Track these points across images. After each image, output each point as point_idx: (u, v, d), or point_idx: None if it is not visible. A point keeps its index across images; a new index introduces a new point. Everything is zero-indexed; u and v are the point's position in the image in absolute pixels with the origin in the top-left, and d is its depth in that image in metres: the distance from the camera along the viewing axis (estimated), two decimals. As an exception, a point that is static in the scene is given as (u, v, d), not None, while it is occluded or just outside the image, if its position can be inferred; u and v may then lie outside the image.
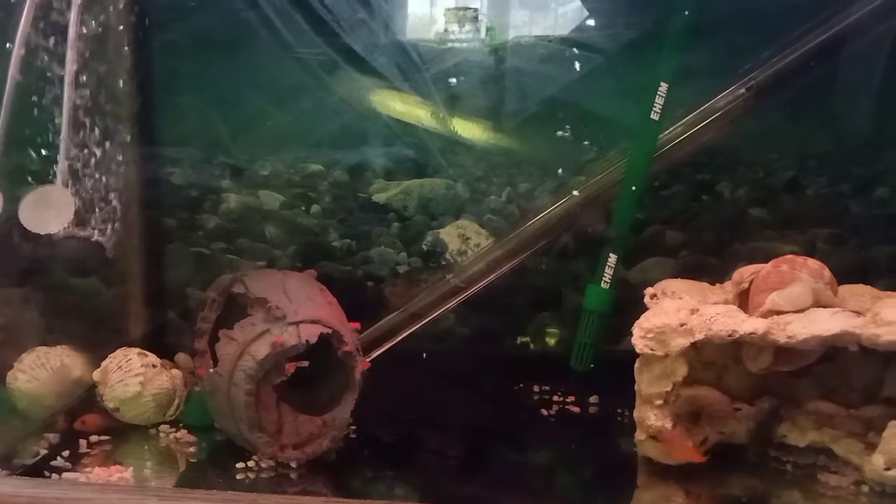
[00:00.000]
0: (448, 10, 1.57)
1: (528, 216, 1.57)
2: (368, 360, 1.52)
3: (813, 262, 1.25)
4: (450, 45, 1.57)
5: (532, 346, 1.66)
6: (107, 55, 1.43)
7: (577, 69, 1.52)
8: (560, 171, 1.57)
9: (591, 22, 1.54)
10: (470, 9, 1.57)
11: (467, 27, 1.56)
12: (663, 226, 1.56)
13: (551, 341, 1.64)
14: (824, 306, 1.21)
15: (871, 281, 1.38)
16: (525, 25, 1.59)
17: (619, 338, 1.46)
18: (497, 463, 1.38)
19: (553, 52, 1.54)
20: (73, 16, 1.27)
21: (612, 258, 1.44)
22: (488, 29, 1.57)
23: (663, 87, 1.37)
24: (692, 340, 1.19)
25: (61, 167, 1.26)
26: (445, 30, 1.57)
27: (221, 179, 1.66)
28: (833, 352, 1.23)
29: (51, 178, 1.27)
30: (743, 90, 1.43)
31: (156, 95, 1.59)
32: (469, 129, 1.60)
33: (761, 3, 1.45)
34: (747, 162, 1.53)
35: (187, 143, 1.64)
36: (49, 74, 1.28)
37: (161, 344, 1.61)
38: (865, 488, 1.19)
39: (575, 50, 1.52)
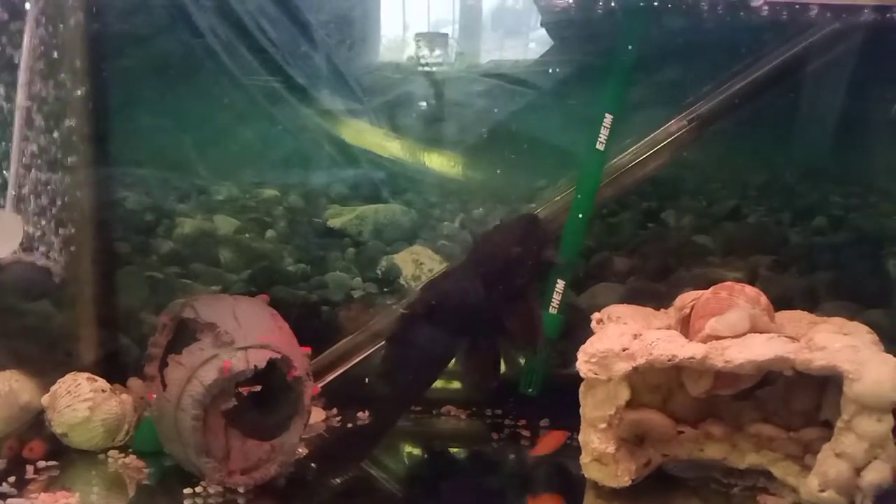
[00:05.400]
0: (419, 34, 1.60)
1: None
2: (321, 384, 1.54)
3: (750, 289, 1.29)
4: (416, 70, 1.60)
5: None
6: (60, 79, 1.44)
7: (531, 100, 1.57)
8: (511, 197, 1.61)
9: (548, 55, 1.58)
10: (441, 34, 1.60)
11: (437, 52, 1.59)
12: (612, 252, 1.60)
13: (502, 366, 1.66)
14: (761, 332, 1.25)
15: (810, 307, 1.43)
16: (488, 52, 1.63)
17: (571, 362, 1.48)
18: (448, 485, 1.40)
19: (511, 82, 1.58)
20: (26, 39, 1.28)
21: (560, 284, 1.47)
22: (458, 54, 1.60)
23: (608, 118, 1.42)
24: (634, 365, 1.22)
25: (10, 192, 1.26)
26: (416, 55, 1.60)
27: (176, 203, 1.67)
28: (775, 376, 1.27)
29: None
30: (685, 122, 1.48)
31: (110, 120, 1.60)
32: (423, 156, 1.63)
33: (703, 38, 1.50)
34: (691, 191, 1.58)
35: (142, 167, 1.64)
36: (-1, 98, 1.28)
37: (115, 369, 1.60)
38: (802, 509, 1.22)
39: (530, 81, 1.56)
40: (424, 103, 1.61)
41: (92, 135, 1.57)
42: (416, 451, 1.53)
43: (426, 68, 1.60)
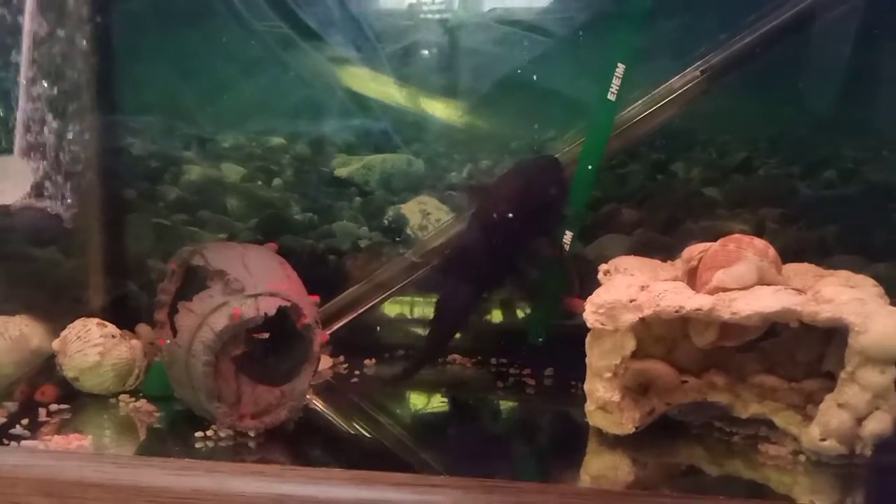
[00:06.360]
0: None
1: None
2: (328, 332, 1.56)
3: (758, 242, 1.29)
4: (417, 19, 1.58)
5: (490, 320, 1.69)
6: (66, 24, 1.42)
7: (538, 49, 1.55)
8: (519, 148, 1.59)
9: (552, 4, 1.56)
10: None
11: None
12: (620, 204, 1.59)
13: (509, 316, 1.67)
14: (768, 284, 1.25)
15: (817, 259, 1.43)
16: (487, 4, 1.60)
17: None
18: (455, 431, 1.43)
19: (519, 32, 1.55)
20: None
21: (568, 235, 1.47)
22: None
23: (620, 68, 1.40)
24: (641, 316, 1.23)
25: (19, 137, 1.26)
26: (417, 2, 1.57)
27: (183, 151, 1.66)
28: (779, 328, 1.28)
29: (8, 148, 1.26)
30: (697, 72, 1.46)
31: (117, 65, 1.59)
32: (432, 106, 1.62)
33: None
34: (701, 143, 1.57)
35: (148, 114, 1.63)
36: (6, 44, 1.26)
37: (123, 314, 1.62)
38: (802, 458, 1.24)
39: (538, 31, 1.54)
40: (427, 52, 1.59)
41: (98, 82, 1.56)
42: (423, 398, 1.55)
43: (430, 15, 1.57)
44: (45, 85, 1.36)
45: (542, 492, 1.04)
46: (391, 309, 1.69)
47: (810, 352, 1.30)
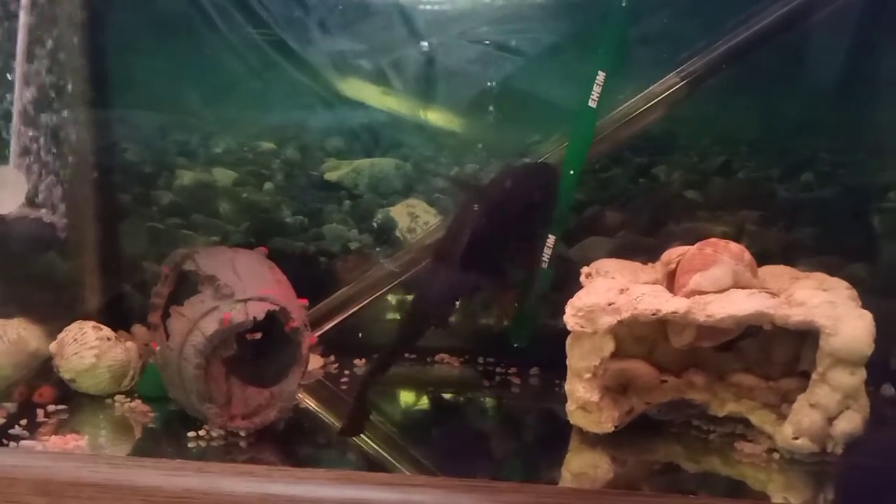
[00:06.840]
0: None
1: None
2: (319, 333, 1.59)
3: (734, 246, 1.32)
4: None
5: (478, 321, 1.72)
6: (58, 35, 1.44)
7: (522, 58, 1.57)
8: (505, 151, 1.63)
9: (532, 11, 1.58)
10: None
11: None
12: (603, 206, 1.62)
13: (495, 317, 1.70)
14: (743, 287, 1.29)
15: (795, 261, 1.47)
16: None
17: (561, 313, 1.53)
18: (441, 429, 1.47)
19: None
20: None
21: (551, 239, 1.51)
22: None
23: (601, 75, 1.43)
24: (619, 319, 1.26)
25: (13, 148, 1.28)
26: None
27: (175, 156, 1.69)
28: (756, 328, 1.31)
29: (3, 159, 1.29)
30: (677, 78, 1.49)
31: (110, 72, 1.62)
32: (419, 111, 1.65)
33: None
34: (682, 146, 1.59)
35: (142, 121, 1.66)
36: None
37: (119, 316, 1.65)
38: (776, 455, 1.28)
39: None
40: (416, 60, 1.61)
41: (92, 89, 1.59)
42: (412, 397, 1.58)
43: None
44: (39, 96, 1.38)
45: (523, 491, 1.07)
46: (382, 309, 1.72)
47: (787, 352, 1.34)
